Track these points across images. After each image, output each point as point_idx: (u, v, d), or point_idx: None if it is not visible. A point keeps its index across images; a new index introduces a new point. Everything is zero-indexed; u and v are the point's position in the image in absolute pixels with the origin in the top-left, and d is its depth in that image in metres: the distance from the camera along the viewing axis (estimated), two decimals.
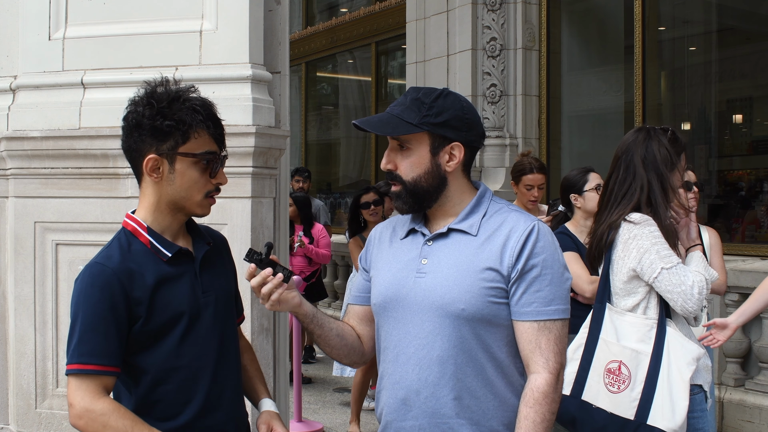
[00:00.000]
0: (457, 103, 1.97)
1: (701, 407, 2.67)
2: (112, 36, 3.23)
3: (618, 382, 2.62)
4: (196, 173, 1.97)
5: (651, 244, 2.63)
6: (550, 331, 1.89)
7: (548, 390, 1.87)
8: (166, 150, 1.94)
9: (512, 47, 7.43)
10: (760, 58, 6.74)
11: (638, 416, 2.56)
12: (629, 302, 2.70)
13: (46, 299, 3.26)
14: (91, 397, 1.86)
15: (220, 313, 2.05)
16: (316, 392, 6.75)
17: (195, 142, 1.95)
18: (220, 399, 2.02)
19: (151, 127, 1.93)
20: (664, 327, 2.63)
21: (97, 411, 1.85)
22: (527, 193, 4.57)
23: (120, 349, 1.91)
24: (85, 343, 1.88)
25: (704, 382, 2.68)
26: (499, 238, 1.92)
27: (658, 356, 2.59)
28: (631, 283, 2.69)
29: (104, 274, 1.91)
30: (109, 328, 1.88)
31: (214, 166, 1.99)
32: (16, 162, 3.29)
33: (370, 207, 5.54)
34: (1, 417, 3.44)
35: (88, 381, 1.88)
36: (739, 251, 5.83)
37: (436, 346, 1.91)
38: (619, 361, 2.63)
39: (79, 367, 1.88)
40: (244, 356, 2.21)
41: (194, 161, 1.96)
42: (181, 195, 1.98)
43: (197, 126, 1.94)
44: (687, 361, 2.57)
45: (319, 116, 12.00)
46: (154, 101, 1.94)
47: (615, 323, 2.70)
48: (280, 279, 1.92)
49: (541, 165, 4.67)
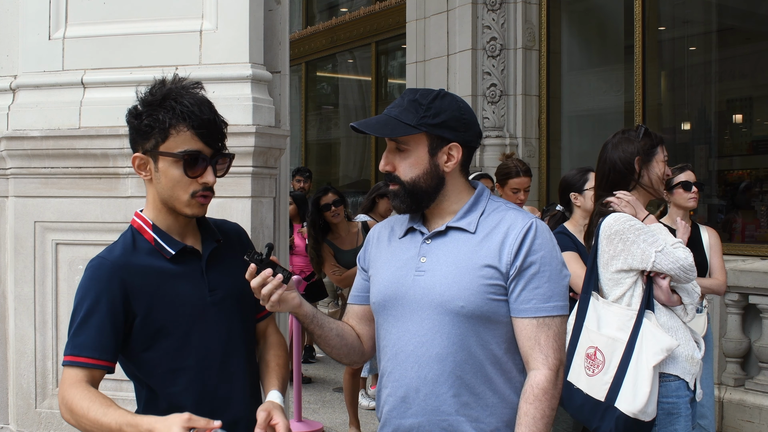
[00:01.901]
0: (454, 104, 1.98)
1: (677, 394, 2.83)
2: (111, 36, 3.23)
3: (593, 366, 2.83)
4: (177, 172, 1.94)
5: (636, 236, 2.82)
6: (549, 327, 1.90)
7: (548, 386, 1.88)
8: (150, 149, 1.95)
9: (512, 47, 7.43)
10: (760, 58, 6.74)
11: (608, 398, 2.76)
12: (616, 292, 2.88)
13: (46, 299, 3.26)
14: (69, 384, 1.86)
15: (228, 312, 2.03)
16: (316, 392, 6.75)
17: (174, 140, 1.92)
18: (228, 399, 2.01)
19: (137, 126, 1.96)
20: (642, 318, 2.80)
21: (68, 397, 1.85)
22: (513, 197, 4.58)
23: (114, 343, 1.90)
24: (78, 335, 1.89)
25: (684, 372, 2.83)
26: (497, 236, 1.93)
27: (632, 344, 2.78)
28: (618, 274, 2.87)
29: (103, 267, 1.92)
30: (104, 322, 1.88)
31: (199, 166, 1.95)
32: (16, 161, 3.29)
33: (331, 208, 5.43)
34: (1, 416, 3.44)
35: (75, 372, 1.88)
36: (739, 251, 5.83)
37: (435, 343, 1.91)
38: (595, 347, 2.84)
39: (69, 359, 1.89)
40: (270, 352, 2.16)
41: (174, 160, 1.94)
42: (168, 194, 1.97)
43: (177, 125, 1.92)
44: (655, 351, 2.74)
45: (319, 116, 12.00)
46: (139, 101, 1.96)
47: (599, 313, 2.89)
48: (279, 280, 1.92)
49: (527, 168, 4.68)
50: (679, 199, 4.20)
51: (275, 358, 2.15)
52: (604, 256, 2.90)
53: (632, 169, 2.97)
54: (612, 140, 3.06)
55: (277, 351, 2.17)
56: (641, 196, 3.01)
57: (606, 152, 3.05)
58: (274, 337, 2.21)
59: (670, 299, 2.87)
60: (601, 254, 2.91)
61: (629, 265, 2.84)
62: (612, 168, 3.01)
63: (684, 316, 2.93)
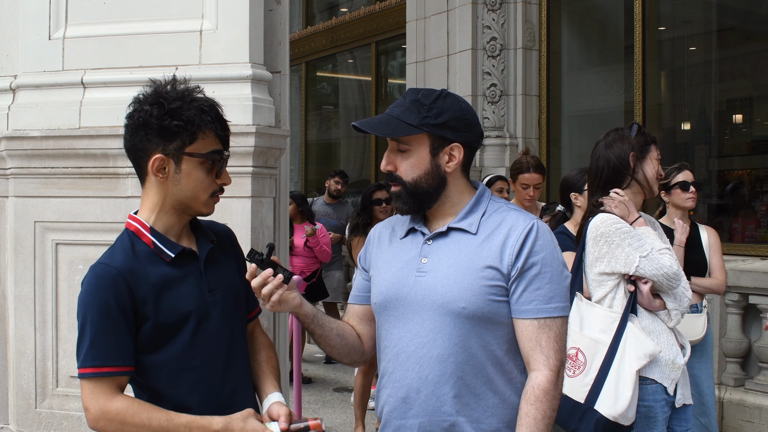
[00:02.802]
0: (456, 104, 1.98)
1: (654, 398, 2.82)
2: (112, 36, 3.23)
3: (574, 366, 2.81)
4: (201, 173, 1.97)
5: (621, 239, 2.82)
6: (550, 328, 1.91)
7: (549, 387, 1.88)
8: (173, 150, 1.94)
9: (512, 47, 7.43)
10: (760, 58, 6.74)
11: (588, 400, 2.76)
12: (598, 294, 2.89)
13: (46, 299, 3.26)
14: (105, 399, 1.87)
15: (229, 311, 2.04)
16: (316, 392, 6.75)
17: (202, 142, 1.95)
18: (232, 397, 2.02)
19: (159, 126, 1.93)
20: (626, 321, 2.80)
21: (113, 411, 1.86)
22: (523, 192, 4.59)
23: (132, 347, 1.91)
24: (97, 346, 1.88)
25: (662, 377, 2.82)
26: (498, 237, 1.93)
27: (615, 347, 2.77)
28: (601, 276, 2.88)
29: (109, 274, 1.91)
30: (120, 328, 1.89)
31: (220, 167, 2.00)
32: (16, 161, 3.29)
33: (382, 204, 5.49)
34: (1, 416, 3.44)
35: (103, 383, 1.88)
36: (739, 251, 5.83)
37: (436, 344, 1.91)
38: (577, 348, 2.83)
39: (94, 370, 1.88)
40: (262, 353, 2.19)
41: (200, 161, 1.96)
42: (187, 195, 1.98)
43: (205, 127, 1.95)
44: (638, 355, 2.74)
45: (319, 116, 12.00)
46: (163, 100, 1.93)
47: (582, 313, 2.89)
48: (280, 280, 1.92)
49: (538, 164, 4.68)
50: (677, 199, 4.16)
51: (268, 360, 2.19)
52: (589, 257, 2.90)
53: (627, 164, 2.95)
54: (605, 139, 3.03)
55: (269, 353, 2.21)
56: (635, 193, 2.99)
57: (599, 150, 3.03)
58: (262, 338, 2.24)
59: (652, 304, 2.85)
60: (587, 255, 2.91)
61: (612, 268, 2.83)
62: (606, 164, 2.98)
63: (668, 321, 2.90)
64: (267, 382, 2.13)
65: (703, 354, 4.07)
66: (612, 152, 2.97)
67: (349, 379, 6.98)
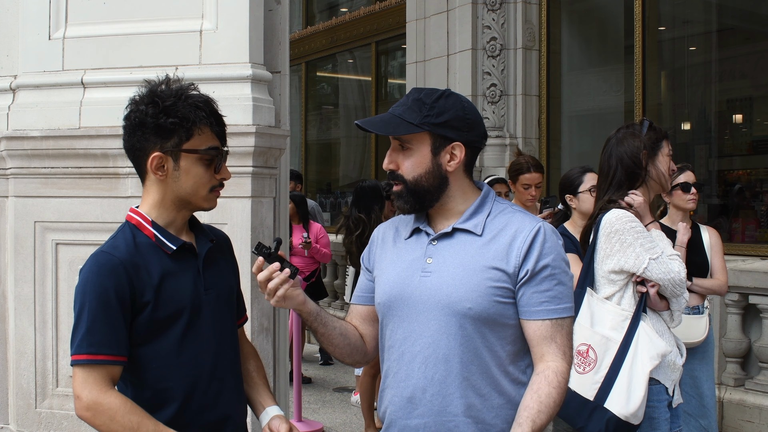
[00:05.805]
0: (459, 104, 1.98)
1: (657, 398, 2.81)
2: (112, 36, 3.23)
3: (584, 363, 2.79)
4: (200, 169, 1.98)
5: (634, 239, 2.78)
6: (562, 327, 1.93)
7: (567, 377, 1.91)
8: (171, 147, 1.95)
9: (512, 47, 7.43)
10: (760, 58, 6.74)
11: (597, 398, 2.73)
12: (608, 291, 2.85)
13: (46, 299, 3.26)
14: (99, 390, 1.86)
15: (220, 312, 2.05)
16: (316, 392, 6.75)
17: (198, 138, 1.97)
18: (217, 397, 2.02)
19: (155, 125, 1.94)
20: (638, 320, 2.78)
21: (105, 405, 1.85)
22: (524, 192, 4.58)
23: (126, 339, 1.91)
24: (93, 333, 1.87)
25: (665, 377, 2.81)
26: (504, 238, 1.93)
27: (627, 346, 2.75)
28: (611, 274, 2.84)
29: (111, 263, 1.91)
30: (117, 318, 1.88)
31: (218, 162, 2.02)
32: (16, 161, 3.29)
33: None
34: (1, 416, 3.44)
35: (96, 372, 1.87)
36: (739, 251, 5.82)
37: (441, 344, 1.91)
38: (588, 344, 2.80)
39: (87, 357, 1.87)
40: (251, 362, 2.21)
41: (198, 157, 1.97)
42: (187, 191, 1.99)
43: (200, 123, 1.96)
44: (651, 355, 2.72)
45: (319, 116, 11.99)
46: (158, 99, 1.95)
47: (593, 309, 2.86)
48: (287, 275, 1.92)
49: (537, 164, 4.68)
50: (678, 200, 4.15)
51: (258, 369, 2.22)
52: (600, 252, 2.87)
53: (640, 163, 2.89)
54: (616, 135, 2.97)
55: (257, 362, 2.24)
56: (649, 191, 2.95)
57: (610, 147, 2.96)
58: (248, 346, 2.26)
59: (657, 304, 2.84)
60: (598, 251, 2.88)
61: (621, 267, 2.80)
62: (619, 162, 2.92)
63: (670, 321, 2.90)
64: (263, 394, 2.15)
65: (705, 356, 4.07)
66: (624, 150, 2.92)
67: (349, 379, 6.98)
